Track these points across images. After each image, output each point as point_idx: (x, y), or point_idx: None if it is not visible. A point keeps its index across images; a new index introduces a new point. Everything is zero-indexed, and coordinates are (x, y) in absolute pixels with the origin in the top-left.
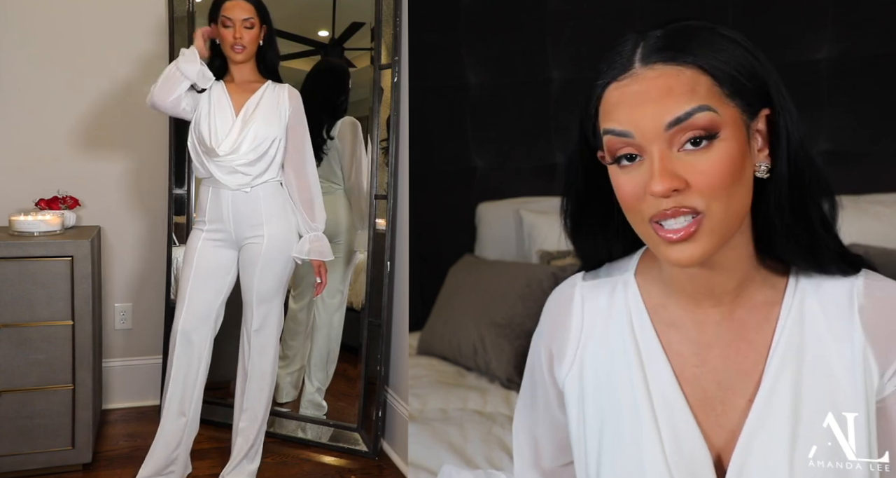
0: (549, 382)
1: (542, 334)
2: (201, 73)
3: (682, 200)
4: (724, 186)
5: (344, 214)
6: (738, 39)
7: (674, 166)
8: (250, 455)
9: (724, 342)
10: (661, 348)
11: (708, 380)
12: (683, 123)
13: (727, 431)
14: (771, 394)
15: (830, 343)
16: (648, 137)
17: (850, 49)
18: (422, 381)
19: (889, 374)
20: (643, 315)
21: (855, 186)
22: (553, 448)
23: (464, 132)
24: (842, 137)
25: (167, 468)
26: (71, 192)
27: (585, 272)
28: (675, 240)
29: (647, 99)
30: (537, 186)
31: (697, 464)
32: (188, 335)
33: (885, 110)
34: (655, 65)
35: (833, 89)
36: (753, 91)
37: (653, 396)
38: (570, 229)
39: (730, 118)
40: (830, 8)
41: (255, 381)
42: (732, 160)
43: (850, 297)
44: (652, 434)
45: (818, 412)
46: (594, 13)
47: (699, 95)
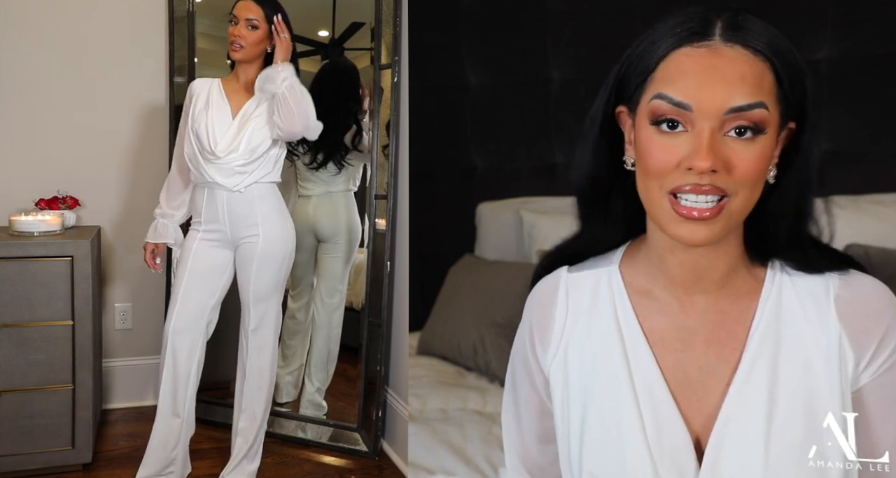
0: (536, 370)
1: (526, 324)
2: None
3: (716, 181)
4: (756, 179)
5: (343, 214)
6: (796, 51)
7: (718, 147)
8: (250, 455)
9: (707, 329)
10: (642, 334)
11: (690, 365)
12: (742, 113)
13: (706, 415)
14: (748, 378)
15: (807, 331)
16: (707, 114)
17: (850, 49)
18: (422, 381)
19: (864, 363)
20: (626, 302)
21: (855, 186)
22: (539, 442)
23: (464, 132)
24: (842, 137)
25: (166, 469)
26: (71, 192)
27: (570, 266)
28: (694, 217)
29: (721, 78)
30: (537, 186)
31: (677, 446)
32: (179, 335)
33: (885, 110)
34: (736, 45)
35: (833, 89)
36: (794, 102)
37: (634, 379)
38: (582, 198)
39: (773, 119)
40: (830, 8)
41: (254, 380)
42: (766, 157)
43: (826, 286)
44: (633, 417)
45: (794, 397)
46: (594, 13)
47: (763, 90)
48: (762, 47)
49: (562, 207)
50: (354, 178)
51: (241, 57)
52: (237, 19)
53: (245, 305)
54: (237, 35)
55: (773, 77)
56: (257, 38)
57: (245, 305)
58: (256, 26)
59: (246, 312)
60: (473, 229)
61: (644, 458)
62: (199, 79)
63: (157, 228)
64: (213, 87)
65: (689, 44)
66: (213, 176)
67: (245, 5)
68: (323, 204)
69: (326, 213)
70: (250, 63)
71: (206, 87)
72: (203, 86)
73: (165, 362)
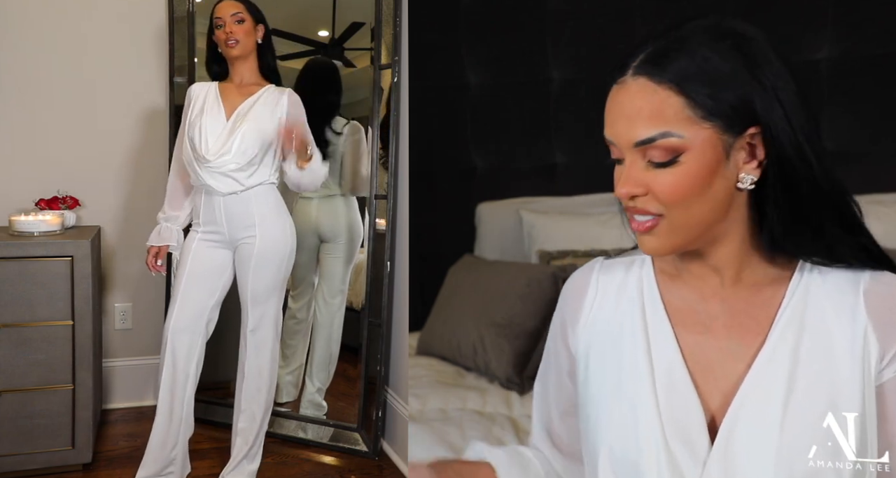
0: (564, 354)
1: (559, 312)
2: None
3: (643, 204)
4: (682, 200)
5: (344, 215)
6: (742, 52)
7: (640, 175)
8: (250, 455)
9: (729, 316)
10: (665, 314)
11: (710, 346)
12: (649, 145)
13: (723, 393)
14: (768, 362)
15: (833, 322)
16: (623, 147)
17: (850, 49)
18: (421, 381)
19: (888, 358)
20: (653, 285)
21: (855, 186)
22: (563, 418)
23: (464, 132)
24: (842, 136)
25: (166, 469)
26: (71, 192)
27: (605, 257)
28: (640, 230)
29: (623, 114)
30: (537, 186)
31: (691, 424)
32: (179, 335)
33: (885, 110)
34: (640, 77)
35: (833, 89)
36: (738, 112)
37: (653, 356)
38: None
39: (699, 140)
40: (830, 8)
41: (252, 381)
42: (692, 179)
43: (856, 280)
44: (649, 392)
45: (813, 386)
46: (594, 13)
47: (665, 119)
48: (662, 75)
49: (562, 206)
50: (343, 177)
51: (238, 52)
52: (222, 20)
53: (244, 306)
54: (229, 32)
55: (681, 100)
56: (247, 30)
57: (244, 305)
58: (242, 19)
59: (245, 312)
60: (473, 229)
61: (656, 433)
62: (197, 83)
63: (160, 232)
64: (210, 91)
65: (614, 82)
66: (207, 180)
67: (226, 4)
68: (324, 206)
69: (328, 214)
70: (245, 59)
71: (203, 90)
72: (200, 90)
73: (165, 361)
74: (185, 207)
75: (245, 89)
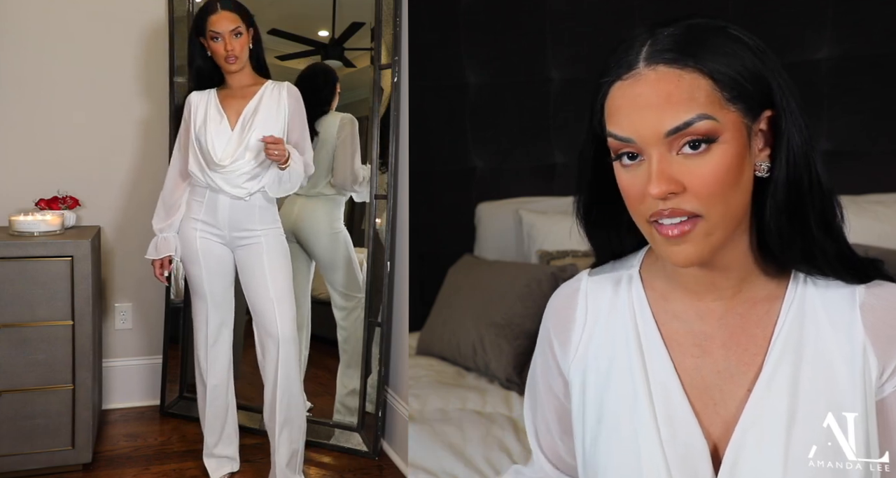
0: (555, 374)
1: (547, 328)
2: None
3: (679, 203)
4: (721, 191)
5: (324, 219)
6: (746, 40)
7: (672, 170)
8: (292, 465)
9: (726, 334)
10: (660, 338)
11: (707, 370)
12: (683, 131)
13: (724, 420)
14: (769, 384)
15: (830, 337)
16: (648, 142)
17: (850, 49)
18: (421, 381)
19: (888, 372)
20: (645, 307)
21: (855, 186)
22: (560, 437)
23: (464, 132)
24: (842, 137)
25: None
26: (71, 192)
27: (591, 269)
28: (672, 236)
29: (647, 104)
30: (537, 186)
31: (693, 453)
32: (220, 330)
33: (885, 110)
34: (658, 66)
35: (833, 89)
36: (756, 94)
37: (651, 384)
38: (582, 222)
39: (729, 123)
40: (830, 8)
41: (269, 384)
42: (730, 164)
43: (852, 293)
44: (649, 423)
45: (815, 404)
46: (594, 13)
47: (698, 103)
48: (686, 60)
49: (561, 206)
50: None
51: (238, 68)
52: (219, 35)
53: (260, 309)
54: (230, 49)
55: (710, 83)
56: (244, 44)
57: (260, 309)
58: (241, 33)
59: (261, 315)
60: (473, 229)
61: (658, 462)
62: (195, 91)
63: (157, 245)
64: (211, 100)
65: (619, 78)
66: (220, 184)
67: (223, 17)
68: (308, 205)
69: (309, 216)
70: (242, 69)
71: (203, 99)
72: (200, 98)
73: (216, 356)
74: (180, 212)
75: (244, 92)
